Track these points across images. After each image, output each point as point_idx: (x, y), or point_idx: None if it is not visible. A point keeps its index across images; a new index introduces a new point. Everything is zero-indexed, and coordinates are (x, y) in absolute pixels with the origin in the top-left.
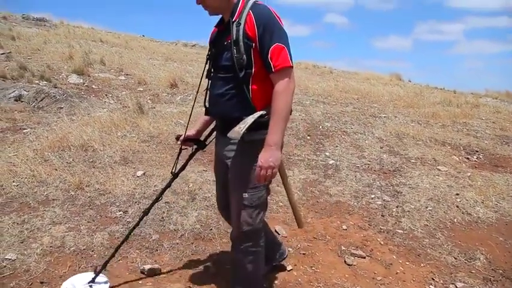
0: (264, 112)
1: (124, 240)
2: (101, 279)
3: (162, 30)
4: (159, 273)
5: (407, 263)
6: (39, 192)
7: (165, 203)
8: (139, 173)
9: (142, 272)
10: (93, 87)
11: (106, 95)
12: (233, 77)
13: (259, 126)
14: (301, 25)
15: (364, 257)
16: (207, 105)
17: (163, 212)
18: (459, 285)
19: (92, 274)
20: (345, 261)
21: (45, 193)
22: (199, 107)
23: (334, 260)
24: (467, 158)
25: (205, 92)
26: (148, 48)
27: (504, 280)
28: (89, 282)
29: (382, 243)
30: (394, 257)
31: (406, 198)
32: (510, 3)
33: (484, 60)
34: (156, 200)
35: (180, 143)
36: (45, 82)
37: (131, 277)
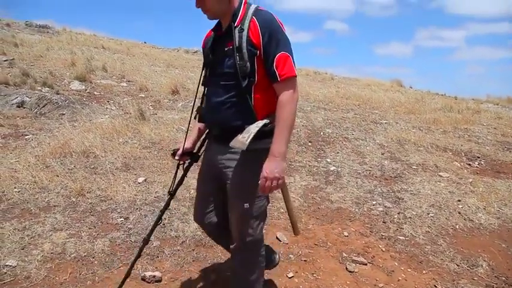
0: (267, 121)
1: (129, 272)
2: None
3: (164, 37)
4: (159, 280)
5: (409, 270)
6: (41, 199)
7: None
8: (140, 180)
9: (143, 279)
10: (95, 93)
11: (108, 102)
12: (235, 85)
13: (262, 135)
14: (302, 32)
15: (366, 264)
16: (204, 112)
17: (164, 218)
18: None
19: None
20: (346, 268)
21: (47, 199)
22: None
23: (336, 266)
24: (469, 164)
25: (201, 99)
26: (150, 54)
27: (507, 287)
28: None
29: (383, 250)
30: (396, 263)
31: (408, 204)
32: (511, 9)
33: (485, 66)
34: (156, 223)
35: (178, 158)
36: (48, 89)
37: (132, 284)
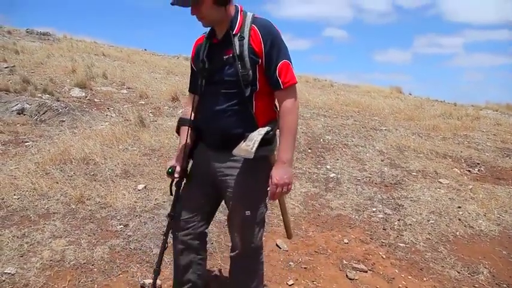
0: (269, 128)
1: None
2: None
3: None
4: None
5: (409, 277)
6: (40, 206)
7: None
8: (140, 187)
9: (142, 286)
10: (95, 100)
11: (108, 109)
12: (237, 93)
13: (264, 142)
14: (301, 39)
15: (366, 271)
16: (200, 121)
17: (164, 225)
18: None
19: None
20: (346, 276)
21: (46, 206)
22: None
23: (336, 274)
24: (469, 170)
25: (193, 108)
26: (150, 62)
27: None
28: None
29: (384, 257)
30: (397, 271)
31: (408, 211)
32: (510, 16)
33: (484, 73)
34: (163, 249)
35: (178, 176)
36: (48, 95)
37: None
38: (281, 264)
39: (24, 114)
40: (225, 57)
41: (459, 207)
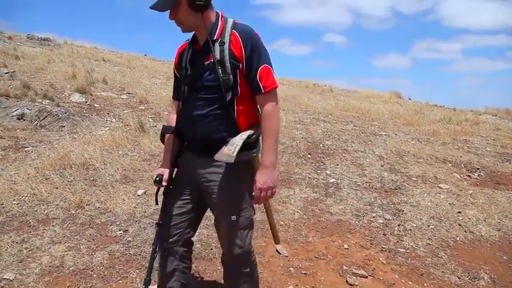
0: (251, 132)
1: None
2: None
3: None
4: None
5: (410, 283)
6: (40, 211)
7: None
8: (140, 192)
9: None
10: (95, 105)
11: (108, 114)
12: (218, 98)
13: (246, 146)
14: (301, 44)
15: (366, 277)
16: (181, 127)
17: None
18: None
19: None
20: (346, 281)
21: (46, 212)
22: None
23: (336, 279)
24: (469, 175)
25: (178, 114)
26: (150, 67)
27: None
28: None
29: (384, 262)
30: (397, 276)
31: (408, 216)
32: (508, 22)
33: (483, 78)
34: (153, 259)
35: (165, 183)
36: (48, 101)
37: None
38: (281, 270)
39: (24, 120)
40: (206, 63)
41: (459, 213)
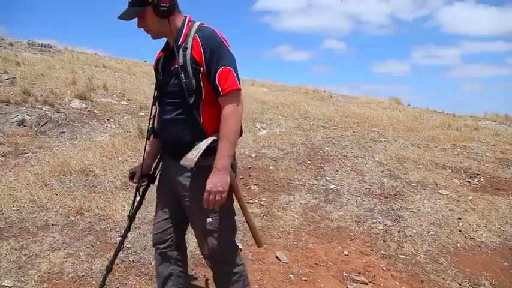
0: (216, 137)
1: None
2: None
3: None
4: None
5: None
6: (39, 217)
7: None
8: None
9: None
10: (95, 112)
11: (108, 120)
12: (183, 102)
13: (212, 151)
14: (300, 51)
15: (367, 283)
16: (157, 131)
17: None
18: None
19: None
20: None
21: (45, 218)
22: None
23: (336, 286)
24: (469, 181)
25: (153, 118)
26: (150, 73)
27: None
28: None
29: (384, 268)
30: (397, 283)
31: (408, 222)
32: (505, 28)
33: (482, 83)
34: (119, 249)
35: (138, 181)
36: (48, 107)
37: None
38: (281, 277)
39: (25, 126)
40: (172, 68)
41: (459, 218)
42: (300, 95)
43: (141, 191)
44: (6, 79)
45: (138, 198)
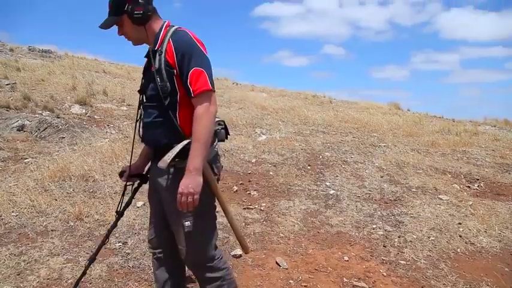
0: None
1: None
2: None
3: None
4: None
5: None
6: (38, 223)
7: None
8: (139, 204)
9: None
10: (95, 117)
11: (108, 125)
12: (160, 106)
13: (187, 153)
14: (300, 56)
15: None
16: (141, 134)
17: None
18: None
19: None
20: None
21: (44, 224)
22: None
23: None
24: (468, 186)
25: (139, 122)
26: None
27: None
28: None
29: (384, 274)
30: None
31: (408, 228)
32: (504, 33)
33: (481, 88)
34: (103, 243)
35: (125, 180)
36: (48, 112)
37: None
38: (281, 283)
39: (24, 131)
40: (150, 73)
41: (459, 224)
42: (299, 100)
43: (132, 189)
44: (7, 84)
45: (129, 196)
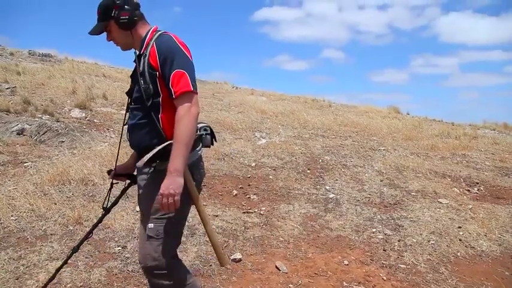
0: (173, 141)
1: (50, 280)
2: None
3: None
4: None
5: None
6: (38, 227)
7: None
8: (138, 208)
9: None
10: (95, 121)
11: (107, 129)
12: (143, 108)
13: (168, 155)
14: (299, 60)
15: None
16: (127, 137)
17: None
18: None
19: None
20: None
21: (44, 228)
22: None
23: None
24: (468, 190)
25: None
26: None
27: None
28: None
29: (384, 278)
30: None
31: (408, 231)
32: (503, 37)
33: (480, 92)
34: (87, 236)
35: (111, 178)
36: (48, 116)
37: None
38: (280, 287)
39: (24, 135)
40: (136, 76)
41: (459, 227)
42: (299, 104)
43: (116, 187)
44: (7, 88)
45: (117, 196)
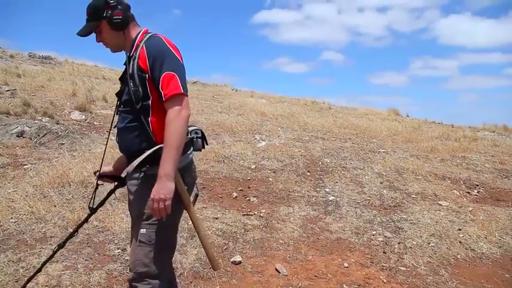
0: (163, 145)
1: (35, 273)
2: None
3: None
4: None
5: None
6: (37, 229)
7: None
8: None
9: None
10: (95, 123)
11: (107, 131)
12: (132, 111)
13: (159, 159)
14: (299, 63)
15: None
16: (117, 140)
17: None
18: None
19: None
20: None
21: (43, 230)
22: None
23: None
24: (468, 192)
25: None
26: None
27: None
28: None
29: (385, 281)
30: None
31: (408, 234)
32: (502, 40)
33: (479, 94)
34: (72, 234)
35: (96, 179)
36: (48, 118)
37: None
38: None
39: (24, 137)
40: (125, 78)
41: (459, 230)
42: (298, 106)
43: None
44: (7, 91)
45: (103, 197)
